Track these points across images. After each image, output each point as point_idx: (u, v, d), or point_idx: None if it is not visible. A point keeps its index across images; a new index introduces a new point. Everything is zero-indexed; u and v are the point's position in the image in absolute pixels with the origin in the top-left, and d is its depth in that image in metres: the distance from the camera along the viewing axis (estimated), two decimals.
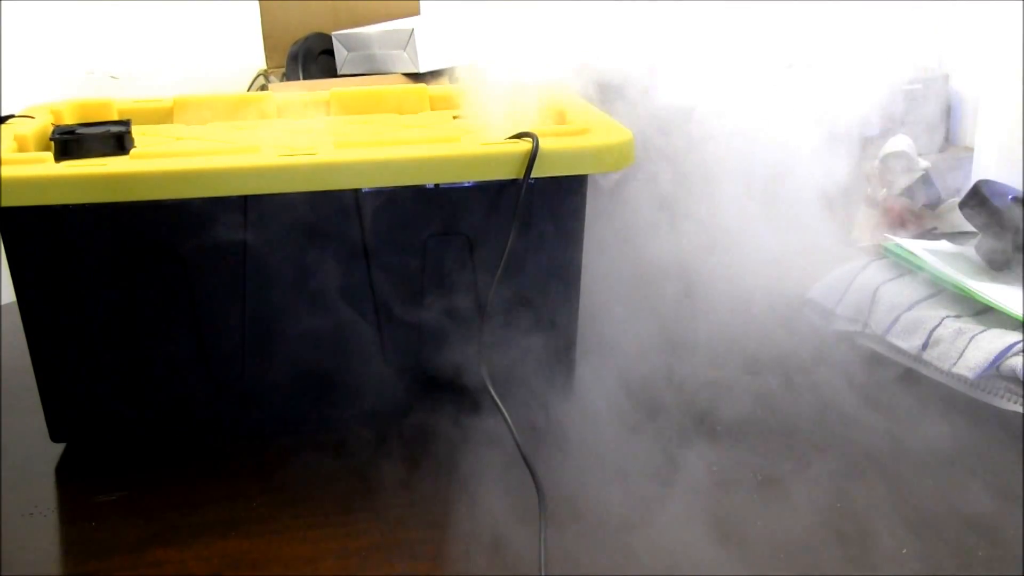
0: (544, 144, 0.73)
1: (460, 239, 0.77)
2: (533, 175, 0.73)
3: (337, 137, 0.82)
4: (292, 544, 0.67)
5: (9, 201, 0.69)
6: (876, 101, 1.06)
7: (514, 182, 0.74)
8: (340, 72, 1.74)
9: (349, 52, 1.71)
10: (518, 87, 0.89)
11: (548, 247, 0.78)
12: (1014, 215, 0.92)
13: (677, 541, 0.66)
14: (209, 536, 0.68)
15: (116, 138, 0.77)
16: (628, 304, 0.95)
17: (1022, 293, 0.88)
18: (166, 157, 0.73)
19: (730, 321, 0.94)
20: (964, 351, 0.83)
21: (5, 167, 0.69)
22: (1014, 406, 0.80)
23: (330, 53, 1.76)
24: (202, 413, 0.80)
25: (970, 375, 0.81)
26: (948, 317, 0.87)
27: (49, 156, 0.74)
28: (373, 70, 1.67)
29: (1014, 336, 0.82)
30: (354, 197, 0.74)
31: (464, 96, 0.96)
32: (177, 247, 0.74)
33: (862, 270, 0.95)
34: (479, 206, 0.75)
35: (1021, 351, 0.81)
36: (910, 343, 0.87)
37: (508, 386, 0.75)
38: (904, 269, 0.94)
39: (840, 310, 0.94)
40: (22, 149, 0.79)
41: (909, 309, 0.89)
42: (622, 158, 0.76)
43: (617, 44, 1.04)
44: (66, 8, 2.03)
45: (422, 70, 1.57)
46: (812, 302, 0.97)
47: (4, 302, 0.97)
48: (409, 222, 0.75)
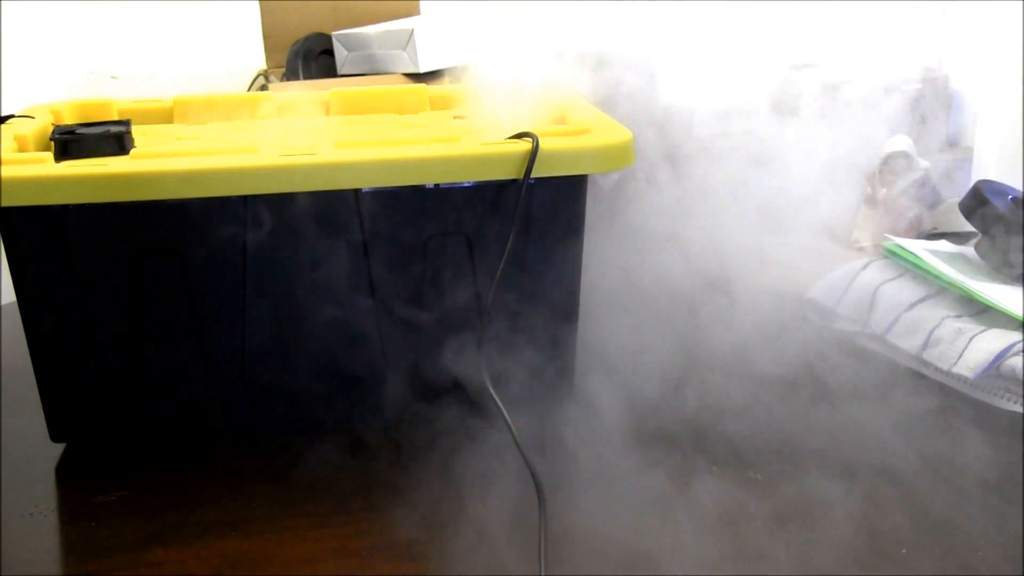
0: (544, 144, 0.73)
1: (460, 239, 0.77)
2: (533, 175, 0.73)
3: (337, 137, 0.82)
4: (292, 544, 0.67)
5: (9, 201, 0.69)
6: (876, 101, 1.06)
7: (514, 182, 0.74)
8: (340, 72, 1.73)
9: (349, 52, 1.71)
10: (518, 87, 0.89)
11: (548, 247, 0.78)
12: (1014, 215, 0.92)
13: (677, 541, 0.66)
14: (209, 536, 0.68)
15: (116, 138, 0.77)
16: (627, 304, 0.95)
17: (1022, 293, 0.88)
18: (166, 157, 0.73)
19: (730, 320, 0.94)
20: (964, 351, 0.83)
21: (5, 167, 0.69)
22: (1014, 406, 0.80)
23: (330, 53, 1.76)
24: (202, 413, 0.80)
25: (970, 375, 0.81)
26: (948, 317, 0.87)
27: (49, 156, 0.74)
28: (373, 70, 1.67)
29: (1014, 336, 0.82)
30: (354, 197, 0.74)
31: (464, 96, 0.96)
32: (177, 247, 0.74)
33: (862, 270, 0.95)
34: (479, 206, 0.75)
35: (1021, 351, 0.81)
36: (910, 343, 0.87)
37: (508, 386, 0.75)
38: (904, 269, 0.94)
39: (840, 310, 0.94)
40: (22, 149, 0.79)
41: (909, 309, 0.89)
42: (622, 158, 0.76)
43: (617, 44, 1.04)
44: (66, 8, 2.03)
45: (422, 70, 1.57)
46: (812, 302, 0.97)
47: (4, 302, 0.97)
48: (409, 222, 0.75)
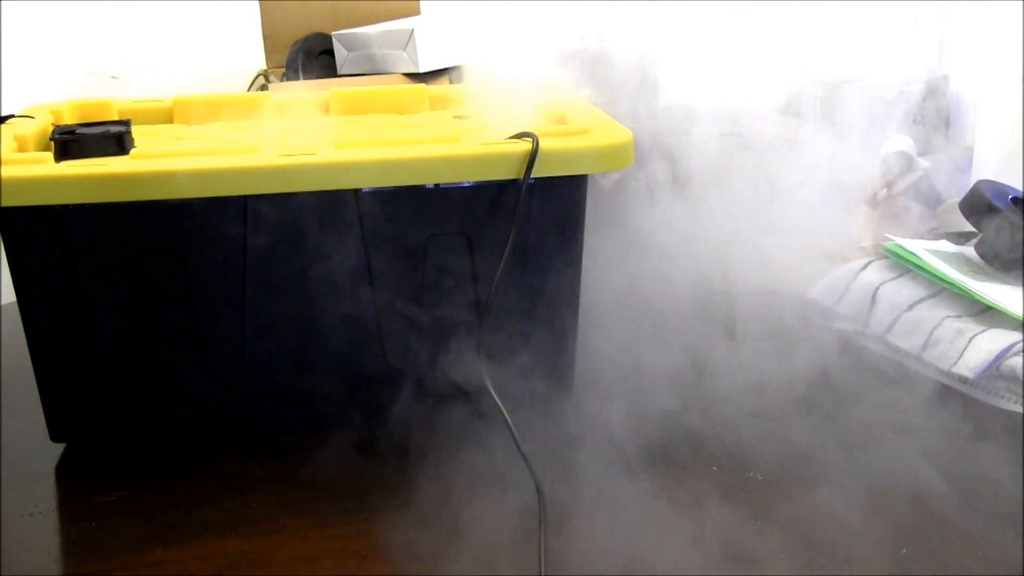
0: (544, 144, 0.73)
1: (460, 239, 0.77)
2: (533, 175, 0.73)
3: (337, 137, 0.82)
4: (292, 544, 0.67)
5: (9, 201, 0.69)
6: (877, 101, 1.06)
7: (514, 182, 0.74)
8: (340, 72, 1.73)
9: (349, 52, 1.71)
10: (518, 87, 0.89)
11: (548, 247, 0.78)
12: (1014, 215, 0.92)
13: (677, 540, 0.66)
14: (209, 536, 0.68)
15: (116, 138, 0.77)
16: (627, 303, 0.95)
17: (1022, 293, 0.88)
18: (166, 157, 0.73)
19: (730, 320, 0.94)
20: (964, 351, 0.83)
21: (5, 167, 0.69)
22: (1014, 406, 0.80)
23: (330, 53, 1.75)
24: (202, 413, 0.80)
25: (970, 375, 0.81)
26: (948, 317, 0.87)
27: (49, 156, 0.74)
28: (373, 70, 1.67)
29: (1014, 336, 0.82)
30: (354, 197, 0.74)
31: (464, 96, 0.96)
32: (177, 247, 0.74)
33: (862, 270, 0.95)
34: (479, 206, 0.75)
35: (1021, 351, 0.81)
36: (910, 343, 0.87)
37: (509, 386, 0.75)
38: (904, 269, 0.94)
39: (840, 310, 0.94)
40: (22, 149, 0.79)
41: (909, 309, 0.89)
42: (622, 158, 0.76)
43: (618, 43, 1.04)
44: (66, 8, 2.02)
45: (422, 70, 1.57)
46: (812, 302, 0.97)
47: (4, 302, 0.97)
48: (409, 222, 0.75)
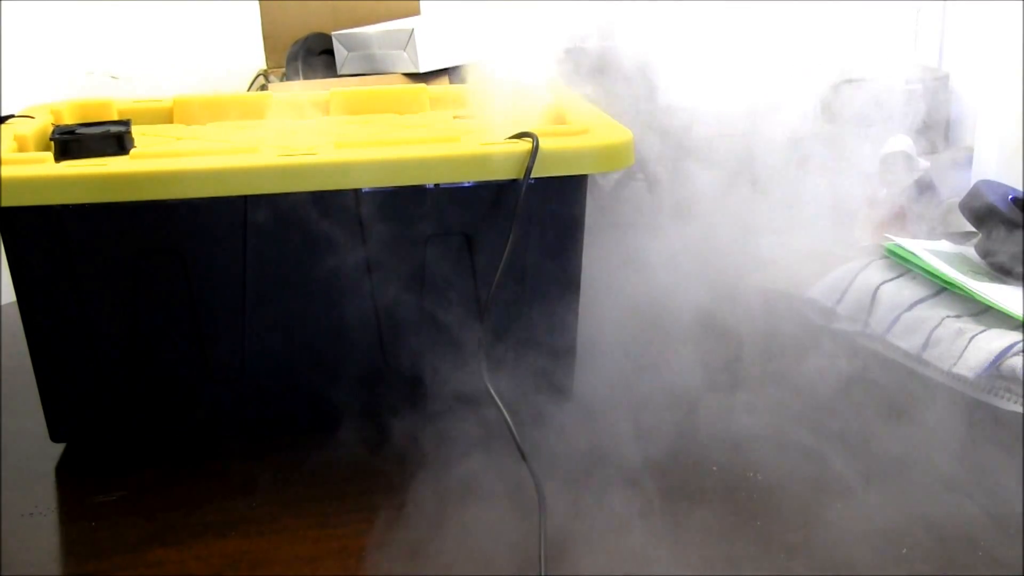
0: (544, 144, 0.73)
1: (460, 239, 0.77)
2: (533, 175, 0.73)
3: (337, 137, 0.82)
4: (292, 544, 0.67)
5: (9, 201, 0.69)
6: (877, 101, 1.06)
7: (514, 182, 0.74)
8: (340, 72, 1.73)
9: (349, 52, 1.71)
10: (518, 87, 0.89)
11: (548, 247, 0.78)
12: (1014, 215, 0.92)
13: (676, 540, 0.66)
14: (209, 536, 0.68)
15: (116, 138, 0.77)
16: (627, 303, 0.95)
17: (1022, 293, 0.88)
18: (166, 157, 0.73)
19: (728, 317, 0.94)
20: (964, 351, 0.83)
21: (5, 167, 0.69)
22: (1014, 406, 0.80)
23: (330, 53, 1.75)
24: (202, 413, 0.80)
25: (970, 375, 0.81)
26: (948, 317, 0.87)
27: (49, 156, 0.74)
28: (373, 70, 1.67)
29: (1014, 336, 0.82)
30: (354, 197, 0.74)
31: (464, 96, 0.96)
32: (177, 247, 0.74)
33: (862, 270, 0.95)
34: (479, 206, 0.75)
35: (1021, 351, 0.81)
36: (910, 343, 0.87)
37: (509, 386, 0.75)
38: (904, 269, 0.94)
39: (840, 310, 0.94)
40: (22, 149, 0.79)
41: (909, 309, 0.89)
42: (622, 158, 0.76)
43: (618, 43, 1.04)
44: (66, 8, 2.02)
45: (422, 70, 1.57)
46: (812, 302, 0.97)
47: (4, 302, 0.97)
48: (409, 222, 0.75)
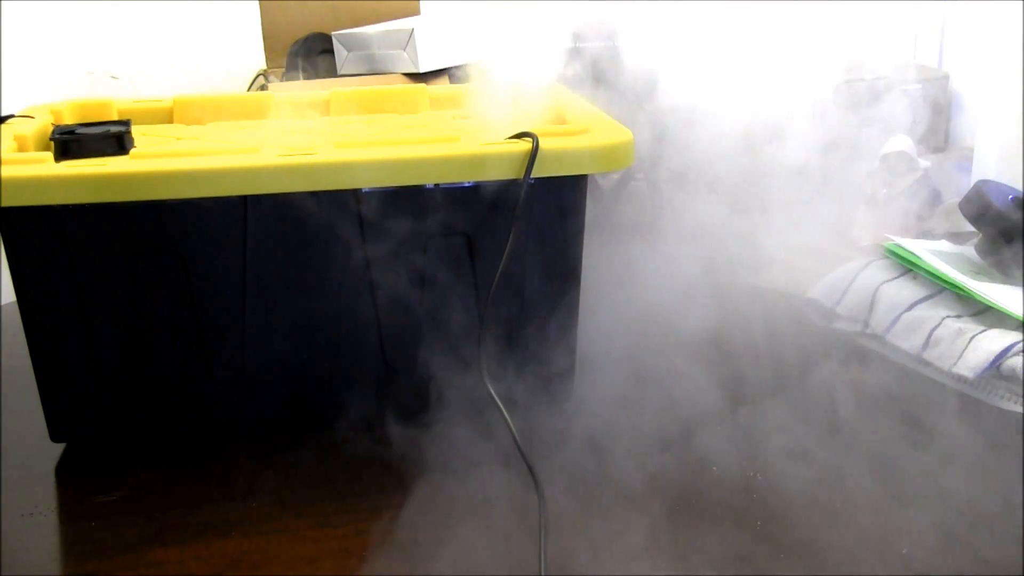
0: (544, 144, 0.73)
1: (460, 239, 0.77)
2: (533, 175, 0.73)
3: (337, 137, 0.82)
4: (292, 544, 0.67)
5: (9, 201, 0.69)
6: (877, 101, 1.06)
7: (514, 182, 0.74)
8: (340, 72, 1.73)
9: (349, 52, 1.71)
10: (518, 87, 0.89)
11: (548, 247, 0.78)
12: (1014, 215, 0.92)
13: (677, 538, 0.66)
14: (209, 536, 0.68)
15: (116, 138, 0.77)
16: (627, 303, 0.95)
17: (1022, 293, 0.88)
18: (166, 157, 0.73)
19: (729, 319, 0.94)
20: (964, 351, 0.83)
21: (5, 167, 0.69)
22: (1014, 406, 0.80)
23: (330, 53, 1.75)
24: (202, 413, 0.80)
25: (970, 375, 0.81)
26: (948, 317, 0.87)
27: (49, 156, 0.74)
28: (373, 70, 1.67)
29: (1014, 336, 0.82)
30: (354, 197, 0.74)
31: (464, 96, 0.96)
32: (177, 247, 0.74)
33: (862, 270, 0.95)
34: (479, 206, 0.75)
35: (1021, 351, 0.81)
36: (910, 343, 0.87)
37: (508, 386, 0.75)
38: (904, 269, 0.94)
39: (840, 310, 0.94)
40: (22, 149, 0.79)
41: (909, 309, 0.89)
42: (622, 158, 0.76)
43: (618, 43, 1.04)
44: (66, 8, 2.02)
45: (422, 70, 1.57)
46: (812, 302, 0.97)
47: (4, 302, 0.97)
48: (409, 222, 0.75)
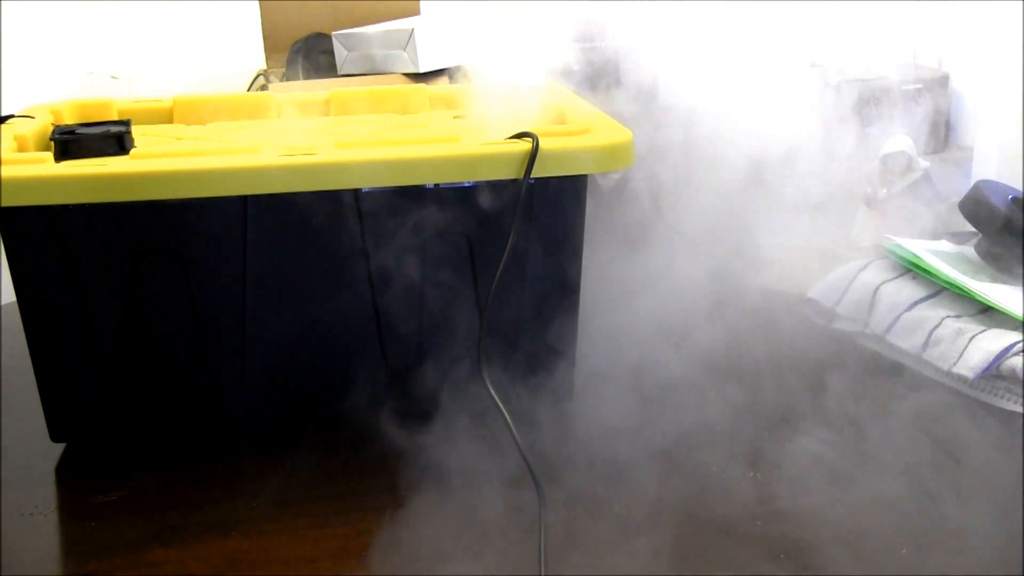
0: (544, 144, 0.73)
1: (460, 239, 0.77)
2: (533, 175, 0.73)
3: (337, 137, 0.82)
4: (292, 544, 0.67)
5: (9, 201, 0.69)
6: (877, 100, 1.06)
7: (514, 182, 0.74)
8: (340, 72, 1.74)
9: (349, 52, 1.71)
10: (518, 87, 0.89)
11: (548, 247, 0.78)
12: (1014, 215, 0.92)
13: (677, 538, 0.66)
14: (209, 536, 0.68)
15: (116, 138, 0.77)
16: (626, 303, 0.95)
17: (1022, 293, 0.88)
18: (166, 157, 0.73)
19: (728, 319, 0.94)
20: (964, 351, 0.83)
21: (5, 167, 0.69)
22: (1014, 406, 0.80)
23: (330, 53, 1.76)
24: (202, 413, 0.80)
25: (970, 375, 0.81)
26: (948, 317, 0.87)
27: (49, 156, 0.74)
28: (373, 70, 1.67)
29: (1014, 336, 0.82)
30: (354, 197, 0.74)
31: (464, 96, 0.96)
32: (177, 247, 0.74)
33: (862, 270, 0.95)
34: (479, 206, 0.75)
35: (1021, 351, 0.81)
36: (910, 343, 0.87)
37: (508, 386, 0.75)
38: (904, 269, 0.94)
39: (840, 310, 0.94)
40: (22, 149, 0.79)
41: (909, 309, 0.89)
42: (622, 158, 0.76)
43: (618, 43, 1.04)
44: (66, 8, 2.02)
45: (422, 70, 1.57)
46: (812, 302, 0.97)
47: (4, 302, 0.97)
48: (409, 222, 0.75)
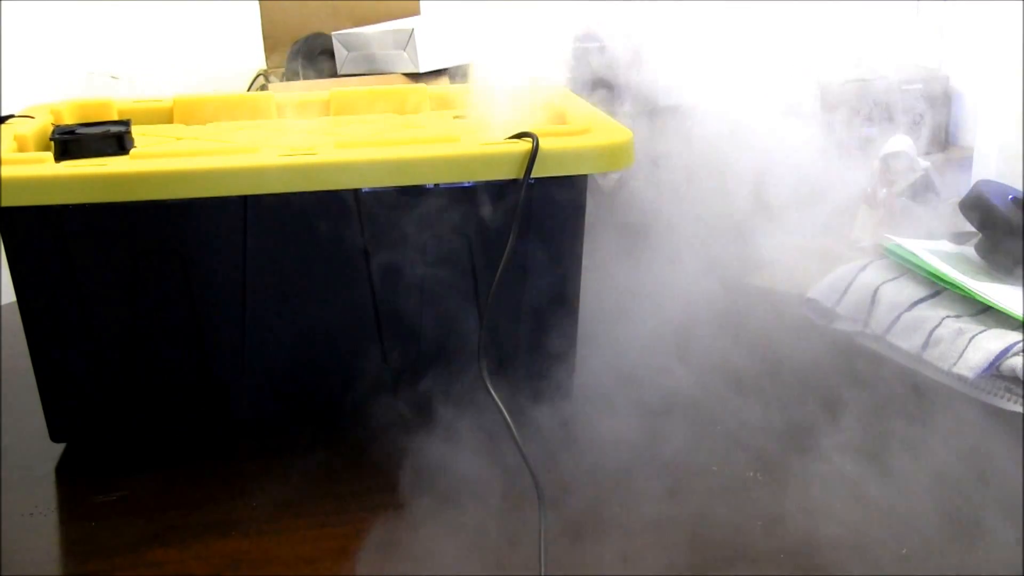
0: (544, 144, 0.73)
1: (460, 239, 0.77)
2: (533, 175, 0.73)
3: (337, 137, 0.82)
4: (292, 544, 0.67)
5: (9, 201, 0.69)
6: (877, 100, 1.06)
7: (514, 182, 0.74)
8: (340, 72, 1.74)
9: (349, 52, 1.71)
10: (518, 87, 0.89)
11: (548, 247, 0.78)
12: (1014, 215, 0.92)
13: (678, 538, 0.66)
14: (209, 536, 0.68)
15: (116, 138, 0.77)
16: (626, 303, 0.95)
17: (1022, 293, 0.88)
18: (166, 157, 0.73)
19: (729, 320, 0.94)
20: (964, 351, 0.83)
21: (5, 167, 0.69)
22: (1014, 406, 0.80)
23: (330, 53, 1.76)
24: (202, 413, 0.80)
25: (970, 375, 0.81)
26: (948, 317, 0.87)
27: (49, 156, 0.74)
28: (373, 70, 1.67)
29: (1014, 336, 0.82)
30: (354, 197, 0.74)
31: (464, 96, 0.96)
32: (177, 247, 0.74)
33: (862, 270, 0.95)
34: (479, 206, 0.75)
35: (1021, 351, 0.81)
36: (910, 343, 0.87)
37: (508, 386, 0.75)
38: (904, 269, 0.94)
39: (840, 310, 0.94)
40: (22, 149, 0.79)
41: (909, 309, 0.89)
42: (622, 158, 0.76)
43: (619, 43, 1.04)
44: (66, 8, 2.03)
45: (422, 70, 1.57)
46: (812, 302, 0.97)
47: (4, 302, 0.97)
48: (409, 222, 0.75)
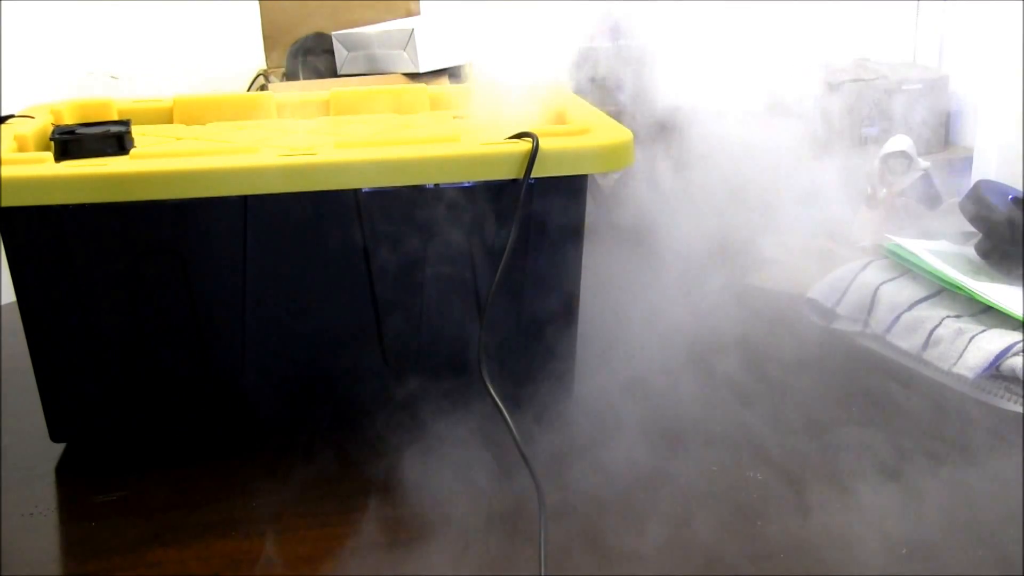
0: (544, 144, 0.73)
1: (460, 239, 0.77)
2: (533, 175, 0.73)
3: (337, 137, 0.82)
4: (292, 544, 0.67)
5: (9, 201, 0.69)
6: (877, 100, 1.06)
7: (514, 182, 0.74)
8: (340, 72, 1.74)
9: (349, 52, 1.71)
10: (518, 87, 0.89)
11: (548, 247, 0.78)
12: (1014, 215, 0.92)
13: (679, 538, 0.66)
14: (209, 536, 0.68)
15: (116, 138, 0.77)
16: (626, 303, 0.95)
17: (1022, 293, 0.88)
18: (166, 157, 0.73)
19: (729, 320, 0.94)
20: (964, 351, 0.83)
21: (5, 167, 0.69)
22: (1014, 406, 0.80)
23: (330, 53, 1.76)
24: (202, 413, 0.80)
25: (970, 375, 0.81)
26: (948, 317, 0.87)
27: (49, 156, 0.74)
28: (373, 70, 1.67)
29: (1014, 336, 0.82)
30: (354, 197, 0.74)
31: (464, 96, 0.96)
32: (177, 247, 0.74)
33: (862, 270, 0.95)
34: (479, 206, 0.75)
35: (1021, 351, 0.81)
36: (910, 343, 0.87)
37: (508, 386, 0.75)
38: (904, 269, 0.94)
39: (840, 310, 0.94)
40: (22, 149, 0.79)
41: (909, 309, 0.89)
42: (622, 158, 0.76)
43: (619, 43, 1.04)
44: (66, 8, 2.03)
45: (422, 70, 1.57)
46: (812, 302, 0.97)
47: (4, 302, 0.97)
48: (409, 222, 0.75)
